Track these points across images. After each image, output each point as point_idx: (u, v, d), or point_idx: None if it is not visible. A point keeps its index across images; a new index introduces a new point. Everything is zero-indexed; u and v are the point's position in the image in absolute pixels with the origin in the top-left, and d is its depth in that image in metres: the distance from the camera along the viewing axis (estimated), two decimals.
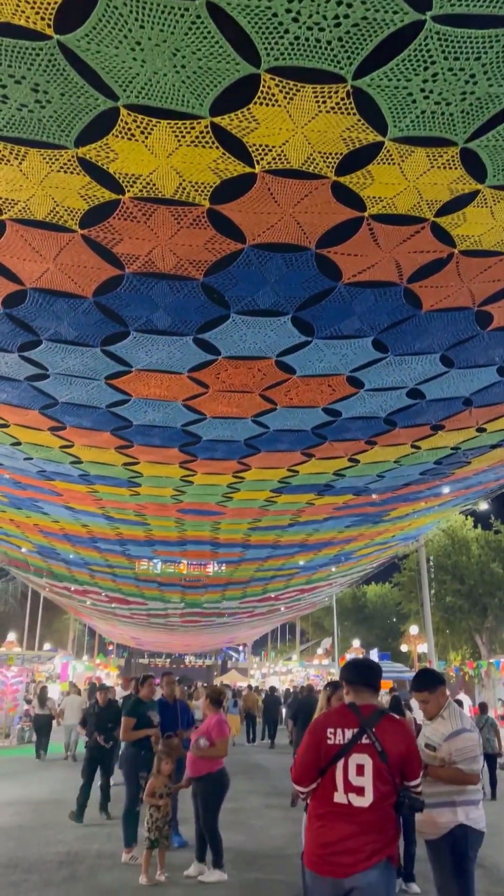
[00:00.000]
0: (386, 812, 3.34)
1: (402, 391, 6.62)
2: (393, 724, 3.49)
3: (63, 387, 6.25)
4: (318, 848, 3.37)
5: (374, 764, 3.32)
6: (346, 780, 3.32)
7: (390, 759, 3.33)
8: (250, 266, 4.48)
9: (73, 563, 17.00)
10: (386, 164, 3.74)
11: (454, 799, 4.19)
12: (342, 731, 3.43)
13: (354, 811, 3.31)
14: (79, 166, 3.66)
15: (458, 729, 4.30)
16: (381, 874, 3.26)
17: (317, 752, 3.46)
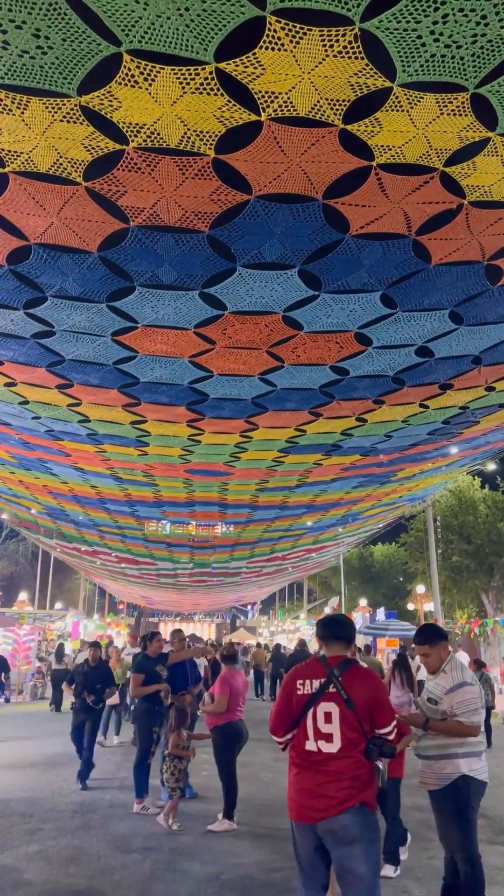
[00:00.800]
0: (356, 759, 3.52)
1: (411, 349, 6.57)
2: (359, 672, 3.67)
3: (69, 344, 6.22)
4: (295, 795, 3.57)
5: (340, 711, 3.52)
6: (315, 727, 3.53)
7: (357, 706, 3.51)
8: (256, 218, 4.41)
9: (83, 524, 17.15)
10: (394, 111, 3.65)
11: (456, 751, 4.30)
12: (310, 682, 3.65)
13: (325, 758, 3.49)
14: (82, 115, 3.59)
15: (459, 682, 4.40)
16: (353, 817, 3.43)
17: (289, 702, 3.67)
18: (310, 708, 3.57)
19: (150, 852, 6.12)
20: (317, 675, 3.66)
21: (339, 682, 3.56)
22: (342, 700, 3.52)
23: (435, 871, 5.35)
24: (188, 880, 5.41)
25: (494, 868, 5.55)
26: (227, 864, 5.79)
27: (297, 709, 3.62)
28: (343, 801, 3.43)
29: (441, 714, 4.37)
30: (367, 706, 3.53)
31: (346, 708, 3.51)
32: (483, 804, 4.52)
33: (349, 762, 3.47)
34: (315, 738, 3.53)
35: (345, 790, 3.44)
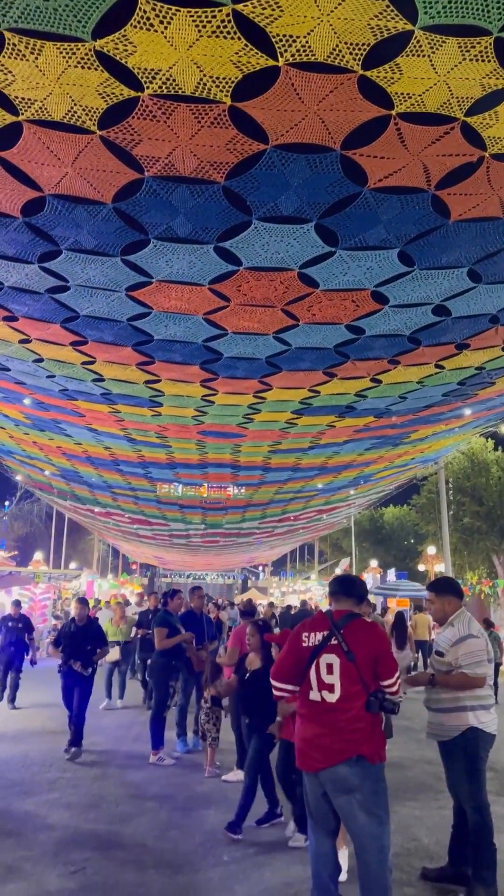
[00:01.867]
0: (356, 712, 3.61)
1: (428, 308, 6.48)
2: (362, 626, 3.78)
3: (84, 299, 6.19)
4: (300, 744, 3.72)
5: (341, 662, 3.64)
6: (318, 678, 3.67)
7: (357, 658, 3.62)
8: (273, 168, 4.33)
9: (96, 486, 17.27)
10: (415, 56, 3.55)
11: (466, 703, 4.38)
12: (314, 634, 3.78)
13: (327, 708, 3.59)
14: (96, 61, 3.51)
15: (464, 635, 4.47)
16: (352, 768, 3.55)
17: (294, 653, 3.81)
18: (314, 659, 3.69)
19: (167, 800, 6.29)
20: (321, 627, 3.78)
21: (340, 635, 3.67)
22: (343, 652, 3.63)
23: (444, 820, 5.47)
24: (203, 826, 5.57)
25: (501, 818, 5.67)
26: None
27: (302, 660, 3.75)
28: (341, 752, 3.55)
29: (447, 665, 4.44)
30: (367, 659, 3.64)
31: (346, 660, 3.62)
32: (491, 758, 4.61)
33: (348, 715, 3.58)
34: (318, 689, 3.66)
35: (343, 742, 3.56)
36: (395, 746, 6.87)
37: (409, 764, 7.71)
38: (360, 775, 3.53)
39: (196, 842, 5.21)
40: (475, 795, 4.36)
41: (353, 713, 3.57)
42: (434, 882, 4.50)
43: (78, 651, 8.24)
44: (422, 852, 5.06)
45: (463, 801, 4.48)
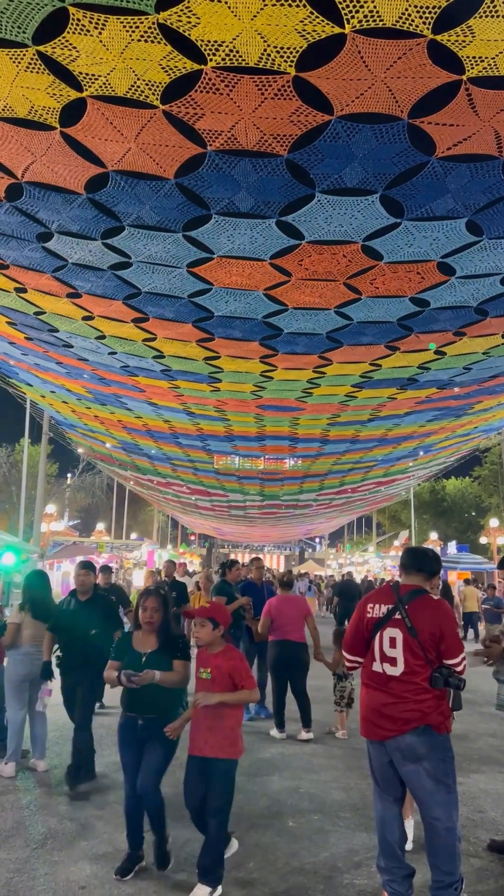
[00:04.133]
0: (419, 685, 3.62)
1: (496, 278, 6.27)
2: (427, 603, 3.74)
3: (146, 275, 6.21)
4: (365, 713, 3.77)
5: (403, 637, 3.66)
6: (381, 650, 3.74)
7: (420, 634, 3.65)
8: (338, 140, 4.22)
9: (156, 458, 17.52)
10: (489, 16, 3.38)
11: None
12: (379, 607, 3.81)
13: (390, 679, 3.60)
14: (159, 34, 3.48)
15: None
16: (419, 737, 3.58)
17: (360, 623, 3.87)
18: (377, 631, 3.73)
19: None
20: (386, 600, 3.80)
21: (404, 610, 3.67)
22: (406, 627, 3.64)
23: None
24: (268, 791, 5.69)
25: None
26: (305, 779, 6.05)
27: (367, 630, 3.80)
28: (408, 722, 3.58)
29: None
30: (431, 636, 3.62)
31: (408, 635, 3.62)
32: None
33: (413, 686, 3.59)
34: (381, 661, 3.70)
35: (409, 711, 3.58)
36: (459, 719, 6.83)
37: (474, 737, 7.68)
38: (428, 744, 3.57)
39: (261, 806, 5.32)
40: None
41: (418, 685, 3.59)
42: (501, 853, 4.50)
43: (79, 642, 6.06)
44: (488, 824, 5.06)
45: None
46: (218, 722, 3.93)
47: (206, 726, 3.93)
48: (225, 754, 3.93)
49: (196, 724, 3.99)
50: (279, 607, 7.86)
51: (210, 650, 4.13)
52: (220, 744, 3.92)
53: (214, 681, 3.99)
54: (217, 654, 4.09)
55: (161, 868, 4.18)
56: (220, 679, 3.99)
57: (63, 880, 4.02)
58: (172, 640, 4.32)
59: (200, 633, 4.07)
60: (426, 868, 3.96)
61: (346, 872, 4.17)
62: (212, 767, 3.92)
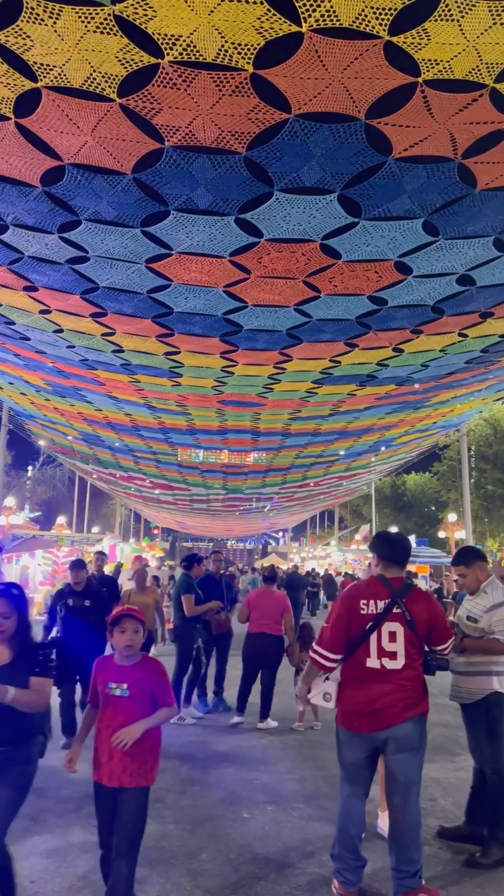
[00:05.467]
0: (416, 671, 3.77)
1: (452, 277, 6.38)
2: (420, 595, 3.89)
3: (104, 270, 6.16)
4: (359, 706, 3.74)
5: (404, 631, 3.70)
6: (379, 646, 3.72)
7: (417, 626, 3.70)
8: (295, 138, 4.25)
9: (118, 450, 17.39)
10: (444, 20, 3.44)
11: (491, 668, 4.48)
12: (374, 602, 3.81)
13: (388, 672, 3.67)
14: (116, 26, 3.45)
15: (498, 602, 4.54)
16: (415, 726, 3.73)
17: (350, 620, 3.81)
18: (375, 627, 3.75)
19: (188, 759, 6.48)
20: (380, 595, 3.81)
21: (403, 604, 3.75)
22: (405, 621, 3.73)
23: (461, 782, 5.59)
24: (223, 783, 5.74)
25: None
26: (261, 771, 6.12)
27: (360, 627, 3.78)
28: (407, 709, 3.71)
29: (479, 631, 4.50)
30: (426, 626, 3.77)
31: (408, 628, 3.73)
32: None
33: (410, 674, 3.74)
34: (378, 656, 3.74)
35: (409, 700, 3.71)
36: None
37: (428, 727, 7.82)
38: (420, 732, 3.75)
39: (216, 798, 5.37)
40: (496, 758, 4.46)
41: (414, 672, 3.75)
42: (450, 840, 4.62)
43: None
44: (438, 812, 5.19)
45: (483, 762, 4.58)
46: (137, 744, 3.28)
47: (126, 750, 3.28)
48: (145, 781, 3.37)
49: (106, 748, 3.33)
50: (259, 600, 8.07)
51: (126, 660, 3.43)
52: (139, 769, 3.33)
53: (134, 699, 3.33)
54: (135, 667, 3.41)
55: None
56: (141, 697, 3.35)
57: None
58: (30, 652, 3.39)
59: (135, 639, 3.38)
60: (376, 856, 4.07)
61: (298, 861, 4.25)
62: (127, 798, 3.31)
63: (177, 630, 8.43)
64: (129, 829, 3.29)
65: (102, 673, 3.43)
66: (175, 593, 8.55)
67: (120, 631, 3.36)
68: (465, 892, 3.91)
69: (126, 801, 3.30)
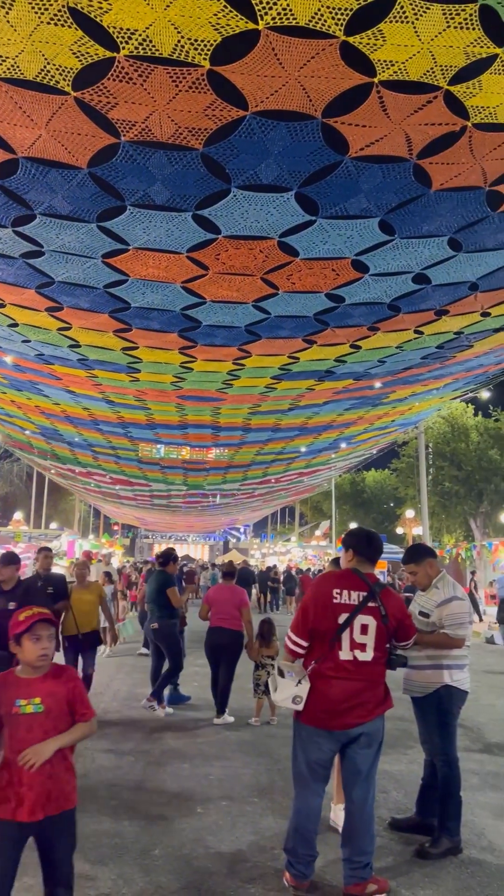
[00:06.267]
0: (382, 666, 3.86)
1: (408, 276, 6.47)
2: (392, 592, 3.99)
3: (59, 265, 6.09)
4: (334, 704, 3.75)
5: (376, 625, 3.76)
6: (351, 638, 3.73)
7: (389, 622, 3.79)
8: (253, 136, 4.25)
9: (77, 445, 17.21)
10: (399, 22, 3.48)
11: (442, 662, 4.56)
12: (349, 593, 3.84)
13: (360, 666, 3.74)
14: (70, 18, 3.40)
15: (449, 597, 4.62)
16: (382, 721, 3.88)
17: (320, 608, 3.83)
18: (352, 618, 3.78)
19: (143, 755, 6.45)
20: (357, 587, 3.85)
21: (379, 598, 3.81)
22: (380, 615, 3.79)
23: (412, 775, 5.68)
24: (178, 779, 5.74)
25: (470, 772, 5.89)
26: (216, 766, 6.13)
27: (332, 617, 3.80)
28: (378, 706, 3.81)
29: (431, 626, 4.58)
30: (396, 622, 3.86)
31: (381, 623, 3.79)
32: (463, 715, 4.76)
33: (377, 669, 3.82)
34: (351, 648, 3.78)
35: (378, 696, 3.81)
36: None
37: None
38: (383, 727, 3.85)
39: (170, 794, 5.37)
40: (445, 750, 4.55)
41: (380, 668, 3.83)
42: (401, 832, 4.70)
43: None
44: (391, 804, 5.26)
45: (433, 754, 4.66)
46: (56, 764, 2.85)
47: (47, 775, 2.80)
48: (72, 803, 2.95)
49: (22, 777, 2.78)
50: (216, 596, 8.19)
51: (36, 672, 2.94)
52: (63, 791, 2.90)
53: (50, 714, 2.88)
54: (46, 677, 2.94)
55: None
56: (58, 710, 2.91)
57: None
58: None
59: (49, 648, 2.93)
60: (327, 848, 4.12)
61: (251, 855, 4.27)
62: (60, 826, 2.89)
63: (162, 628, 8.43)
64: (68, 861, 2.92)
65: (6, 690, 2.88)
66: (155, 590, 8.54)
67: (34, 639, 2.87)
68: (414, 881, 3.98)
69: (60, 829, 2.89)
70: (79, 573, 8.16)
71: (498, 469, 34.07)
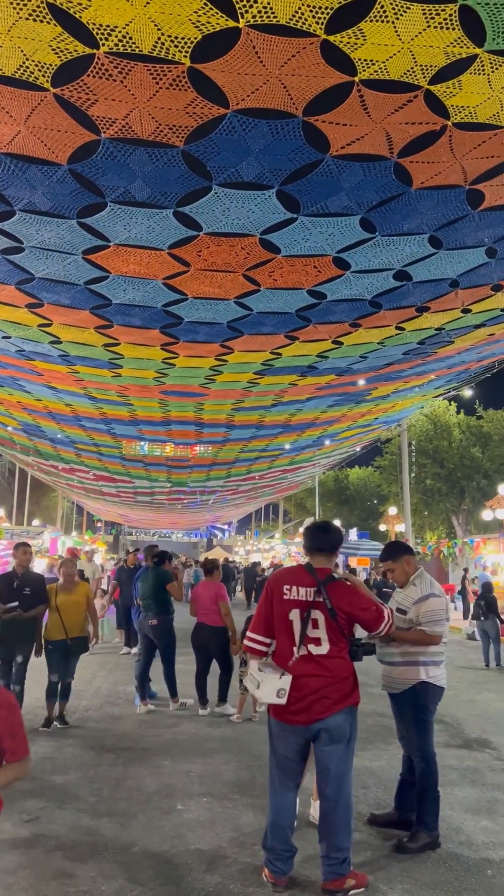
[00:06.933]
0: (343, 660, 3.83)
1: (389, 273, 6.50)
2: (343, 586, 3.94)
3: (39, 261, 6.04)
4: (291, 700, 3.77)
5: (325, 619, 3.82)
6: (304, 633, 3.76)
7: (338, 615, 3.81)
8: (234, 133, 4.25)
9: (60, 441, 17.12)
10: (379, 21, 3.49)
11: (418, 658, 4.60)
12: (297, 588, 3.91)
13: (315, 660, 3.76)
14: (49, 14, 3.38)
15: (426, 594, 4.65)
16: (346, 716, 3.82)
17: (272, 603, 3.94)
18: (299, 613, 3.84)
19: (123, 752, 6.46)
20: (305, 583, 3.90)
21: (325, 592, 3.83)
22: (326, 609, 3.81)
23: (393, 771, 5.72)
24: (159, 775, 5.75)
25: (449, 768, 5.95)
26: (196, 762, 6.15)
27: (284, 613, 3.88)
28: (338, 702, 3.78)
29: (408, 623, 4.61)
30: (346, 615, 3.84)
31: (329, 616, 3.80)
32: (442, 711, 4.80)
33: (338, 663, 3.81)
34: (305, 643, 3.82)
35: (339, 691, 3.79)
36: None
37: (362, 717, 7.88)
38: (350, 723, 3.82)
39: (150, 791, 5.38)
40: (422, 745, 4.59)
41: (341, 661, 3.81)
42: (380, 827, 4.74)
43: None
44: (370, 799, 5.30)
45: (411, 750, 4.70)
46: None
47: None
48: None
49: None
50: (198, 592, 8.39)
51: None
52: None
53: None
54: None
55: None
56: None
57: None
58: None
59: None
60: (306, 844, 4.15)
61: (230, 852, 4.29)
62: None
63: (162, 623, 8.46)
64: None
65: None
66: (152, 587, 8.59)
67: None
68: (392, 876, 4.02)
69: None
70: (66, 572, 7.71)
71: (480, 467, 34.35)
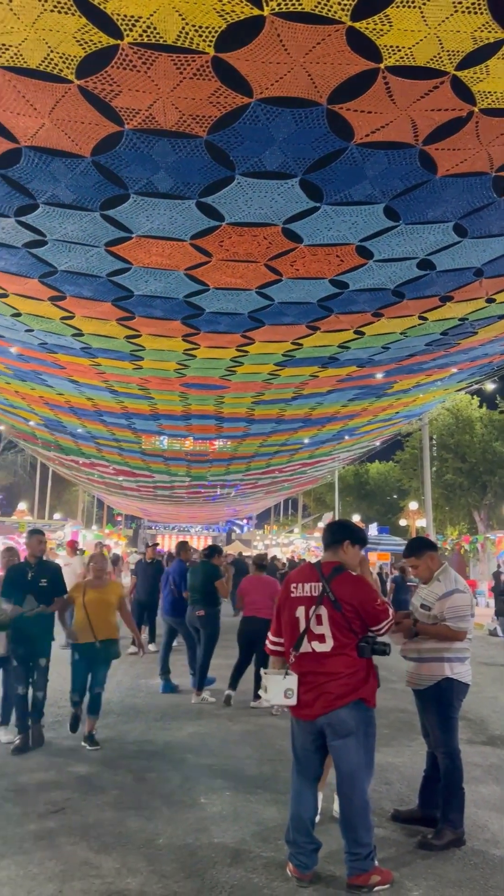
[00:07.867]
0: (350, 657, 3.78)
1: (413, 262, 6.43)
2: (348, 577, 3.91)
3: (62, 254, 6.06)
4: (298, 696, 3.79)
5: (329, 613, 3.78)
6: (308, 629, 3.74)
7: (343, 608, 3.76)
8: (257, 123, 4.21)
9: (80, 436, 17.21)
10: (406, 6, 3.43)
11: (443, 654, 4.55)
12: (303, 585, 3.93)
13: (318, 657, 3.74)
14: (73, 6, 3.37)
15: (450, 589, 4.61)
16: (351, 711, 3.76)
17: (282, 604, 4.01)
18: (305, 610, 3.84)
19: (146, 745, 6.48)
20: (310, 579, 3.92)
21: (328, 587, 3.81)
22: (331, 602, 3.78)
23: (416, 766, 5.68)
24: (181, 769, 5.76)
25: (473, 765, 5.90)
26: (220, 757, 6.15)
27: (291, 611, 3.90)
28: (342, 697, 3.74)
29: (433, 619, 4.58)
30: (352, 608, 3.79)
31: (334, 609, 3.77)
32: (466, 707, 4.76)
33: (344, 659, 3.76)
34: (309, 640, 3.81)
35: (343, 686, 3.74)
36: None
37: (385, 713, 7.93)
38: (357, 718, 3.76)
39: (174, 785, 5.39)
40: (447, 742, 4.55)
41: (347, 658, 3.76)
42: (404, 823, 4.71)
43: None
44: (393, 795, 5.27)
45: (435, 747, 4.67)
46: None
47: None
48: None
49: None
50: (250, 586, 8.49)
51: None
52: None
53: None
54: None
55: None
56: None
57: None
58: None
59: None
60: (331, 839, 4.13)
61: (254, 846, 4.28)
62: None
63: (209, 615, 8.69)
64: None
65: None
66: (202, 581, 8.76)
67: None
68: (416, 872, 3.99)
69: None
70: (96, 567, 6.91)
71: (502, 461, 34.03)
